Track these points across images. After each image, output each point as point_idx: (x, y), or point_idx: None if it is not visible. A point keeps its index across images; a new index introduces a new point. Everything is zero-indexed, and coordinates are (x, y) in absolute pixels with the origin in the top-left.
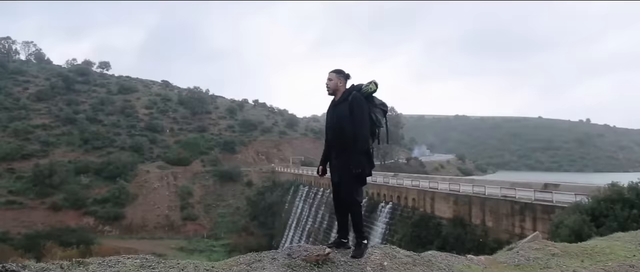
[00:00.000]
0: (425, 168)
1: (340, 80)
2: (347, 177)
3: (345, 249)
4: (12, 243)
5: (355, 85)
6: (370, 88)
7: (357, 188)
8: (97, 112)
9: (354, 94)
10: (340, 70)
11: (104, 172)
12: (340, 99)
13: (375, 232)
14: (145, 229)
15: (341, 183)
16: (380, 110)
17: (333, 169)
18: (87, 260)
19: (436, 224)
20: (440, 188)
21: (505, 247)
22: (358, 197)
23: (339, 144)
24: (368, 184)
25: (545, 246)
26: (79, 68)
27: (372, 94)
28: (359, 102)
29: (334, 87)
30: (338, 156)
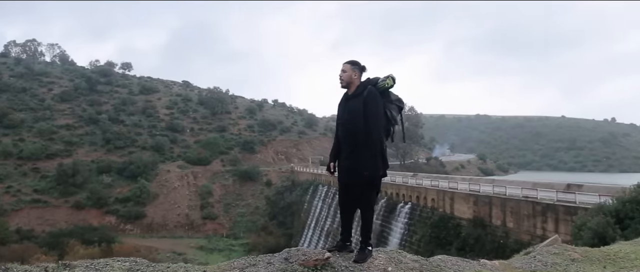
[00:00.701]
0: (445, 168)
1: (354, 73)
2: (359, 180)
3: (348, 253)
4: (36, 241)
5: (371, 79)
6: (387, 83)
7: (371, 191)
8: (119, 113)
9: (369, 89)
10: (356, 62)
11: (126, 172)
12: (354, 93)
13: (394, 233)
14: (166, 228)
15: (352, 186)
16: (396, 107)
17: (342, 169)
18: (73, 262)
19: (456, 224)
20: (460, 188)
21: (522, 251)
22: (371, 201)
23: (350, 142)
24: (387, 183)
25: (565, 250)
26: (102, 69)
27: (389, 90)
28: (374, 98)
29: (348, 80)
30: (348, 155)
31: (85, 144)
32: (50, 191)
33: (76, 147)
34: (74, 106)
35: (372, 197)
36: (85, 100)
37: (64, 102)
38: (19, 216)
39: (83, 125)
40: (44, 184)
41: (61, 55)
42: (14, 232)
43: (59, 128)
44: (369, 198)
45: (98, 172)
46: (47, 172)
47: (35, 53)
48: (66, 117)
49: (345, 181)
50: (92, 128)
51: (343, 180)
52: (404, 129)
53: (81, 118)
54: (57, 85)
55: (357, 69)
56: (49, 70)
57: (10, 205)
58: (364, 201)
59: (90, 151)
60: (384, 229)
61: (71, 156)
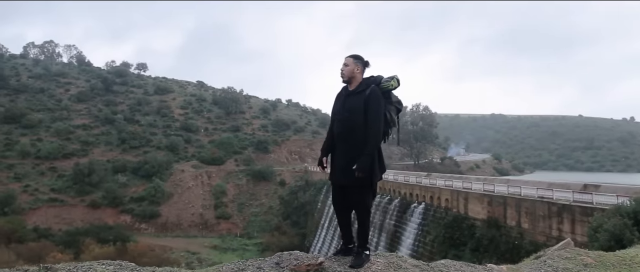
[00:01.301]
0: (460, 168)
1: (357, 67)
2: (356, 181)
3: (354, 255)
4: (53, 239)
5: (374, 77)
6: (391, 84)
7: (367, 193)
8: (134, 113)
9: (372, 88)
10: (359, 56)
11: (141, 171)
12: (356, 90)
13: (407, 233)
14: (180, 227)
15: (348, 187)
16: (395, 109)
17: (336, 169)
18: (56, 266)
19: (470, 225)
20: (474, 188)
21: (532, 256)
22: (368, 204)
23: (346, 141)
24: (401, 183)
25: (578, 254)
26: (118, 70)
27: (391, 91)
28: (377, 98)
29: (350, 74)
30: (344, 154)
31: (101, 143)
32: (67, 190)
33: (92, 147)
34: (90, 106)
35: (369, 199)
36: (101, 100)
37: (80, 103)
38: (36, 214)
39: (99, 125)
40: (60, 183)
41: (78, 56)
42: (31, 230)
43: (75, 128)
44: (366, 200)
45: (113, 172)
46: (64, 172)
47: (52, 54)
48: (82, 117)
49: (341, 182)
50: (107, 128)
51: (338, 181)
52: (399, 132)
53: (97, 118)
54: (74, 85)
55: (360, 63)
56: (66, 71)
57: (28, 204)
58: (360, 203)
59: (106, 151)
60: (397, 230)
61: (87, 156)
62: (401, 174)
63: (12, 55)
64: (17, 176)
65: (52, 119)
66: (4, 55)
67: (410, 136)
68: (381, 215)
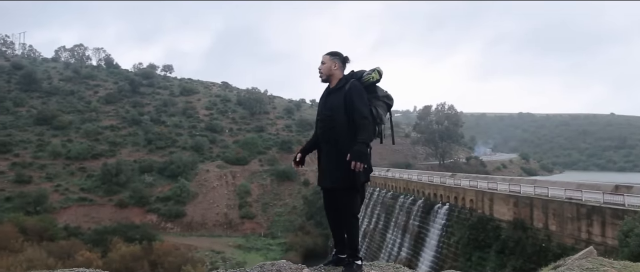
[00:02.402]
0: (486, 168)
1: (334, 64)
2: (341, 183)
3: (344, 266)
4: (82, 237)
5: (355, 72)
6: (372, 77)
7: (354, 196)
8: (160, 114)
9: (352, 82)
10: (335, 52)
11: (166, 171)
12: (335, 87)
13: (431, 234)
14: (205, 226)
15: (335, 191)
16: (384, 104)
17: (323, 172)
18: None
19: (495, 226)
20: (500, 189)
21: (551, 265)
22: (355, 209)
23: (329, 141)
24: (425, 184)
25: (601, 265)
26: (144, 71)
27: (375, 84)
28: (358, 92)
29: (327, 72)
30: (328, 156)
31: (128, 144)
32: (95, 189)
33: (120, 148)
34: (118, 108)
35: (355, 203)
36: (129, 101)
37: (108, 104)
38: (67, 213)
39: (126, 126)
40: (90, 183)
41: (106, 58)
42: (62, 229)
43: (103, 129)
44: (352, 205)
45: (140, 172)
46: (93, 172)
47: (82, 57)
48: (110, 119)
49: (327, 185)
50: (134, 129)
51: (324, 183)
52: (394, 129)
53: (124, 119)
54: (102, 87)
55: (338, 59)
56: (95, 73)
57: (59, 203)
58: (345, 208)
59: (133, 151)
60: (421, 230)
61: (115, 156)
62: (425, 174)
63: (44, 59)
64: (48, 176)
65: (82, 120)
66: (37, 59)
67: (435, 135)
68: (405, 215)
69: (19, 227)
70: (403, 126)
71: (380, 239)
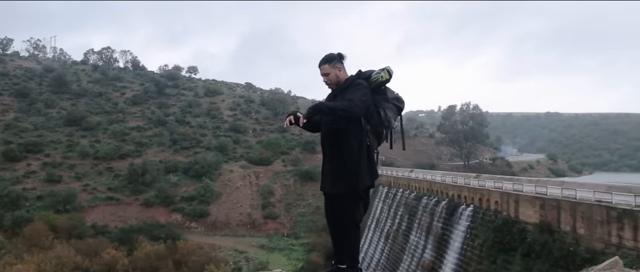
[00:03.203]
0: (512, 169)
1: (337, 68)
2: (343, 189)
3: None
4: (109, 236)
5: (362, 72)
6: (380, 76)
7: (356, 203)
8: (185, 115)
9: (359, 81)
10: (330, 57)
11: (191, 172)
12: (341, 88)
13: (455, 236)
14: (229, 226)
15: (334, 196)
16: (394, 107)
17: (325, 176)
18: None
19: (520, 229)
20: (525, 190)
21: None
22: (357, 217)
23: (332, 146)
24: (448, 185)
25: None
26: (170, 73)
27: (384, 85)
28: (358, 85)
29: (335, 80)
30: (330, 161)
31: (154, 144)
32: (122, 189)
33: (146, 148)
34: (144, 109)
35: (357, 211)
36: (154, 103)
37: (135, 105)
38: (95, 212)
39: (152, 127)
40: (116, 182)
41: (133, 61)
42: (90, 227)
43: (130, 130)
44: (353, 212)
45: (165, 172)
46: (120, 172)
47: (110, 60)
48: (137, 120)
49: (326, 191)
50: (160, 130)
51: (325, 189)
52: (403, 134)
53: (150, 120)
54: (129, 89)
55: (337, 62)
56: (122, 75)
57: (87, 202)
58: (347, 215)
59: (158, 152)
60: (444, 232)
61: (141, 156)
62: (449, 174)
63: (74, 61)
64: (77, 175)
65: (109, 121)
66: (67, 62)
67: (459, 135)
68: (428, 217)
69: (49, 225)
70: (427, 126)
71: (403, 241)
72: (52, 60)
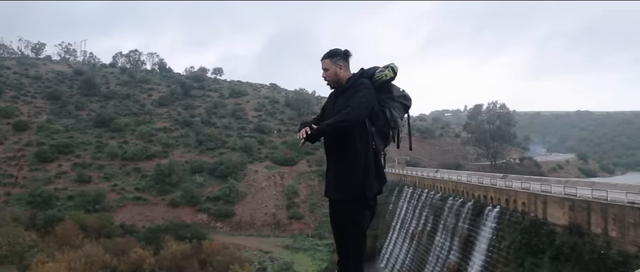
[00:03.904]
0: (540, 169)
1: (338, 65)
2: (348, 195)
3: None
4: (137, 235)
5: (366, 69)
6: (385, 74)
7: (361, 211)
8: (210, 116)
9: (361, 81)
10: (334, 52)
11: (216, 172)
12: (343, 88)
13: (481, 238)
14: (254, 226)
15: (340, 203)
16: (400, 106)
17: (329, 181)
18: None
19: (549, 231)
20: (554, 191)
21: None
22: (363, 224)
23: (335, 149)
24: (474, 185)
25: None
26: (195, 75)
27: (389, 83)
28: (364, 86)
29: (335, 77)
30: (334, 165)
31: (180, 145)
32: (149, 189)
33: (172, 149)
34: (171, 110)
35: (364, 219)
36: (181, 104)
37: (161, 107)
38: (123, 211)
39: (178, 128)
40: (144, 183)
41: (160, 63)
42: (118, 226)
43: (157, 131)
44: (360, 220)
45: (191, 172)
46: (147, 172)
47: (137, 62)
48: (163, 121)
49: (331, 196)
50: (186, 130)
51: (329, 194)
52: (411, 133)
53: (177, 121)
54: (155, 91)
55: (340, 59)
56: (149, 77)
57: (116, 202)
58: (352, 222)
59: (184, 152)
60: (470, 234)
61: (167, 157)
62: (475, 175)
63: (103, 65)
64: (106, 176)
65: (137, 122)
66: (96, 65)
67: (486, 135)
68: (454, 218)
69: (79, 225)
70: (453, 126)
71: (428, 242)
72: (82, 63)
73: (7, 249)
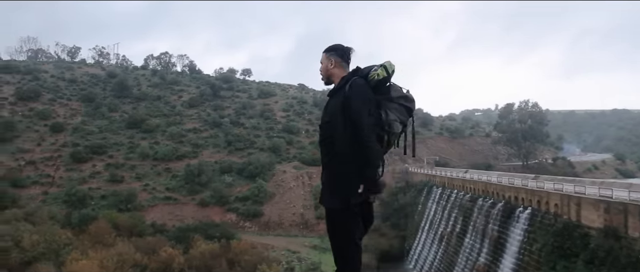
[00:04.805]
0: (575, 169)
1: (330, 61)
2: (338, 203)
3: None
4: (167, 235)
5: (361, 69)
6: (377, 74)
7: (353, 219)
8: (239, 116)
9: (353, 81)
10: (331, 47)
11: (245, 172)
12: (336, 88)
13: (511, 240)
14: (282, 226)
15: (332, 211)
16: (400, 108)
17: (322, 187)
18: None
19: (583, 234)
20: (588, 193)
21: None
22: (354, 234)
23: (327, 152)
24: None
25: None
26: (224, 76)
27: (385, 83)
28: (359, 92)
29: (325, 73)
30: (324, 170)
31: (210, 146)
32: (179, 189)
33: (202, 149)
34: (200, 111)
35: (355, 228)
36: (210, 105)
37: (191, 108)
38: (154, 211)
39: (208, 128)
40: (174, 183)
41: (190, 65)
42: (149, 226)
43: (187, 132)
44: (352, 229)
45: (220, 172)
46: (177, 172)
47: (168, 64)
48: (193, 122)
49: (323, 204)
50: (215, 131)
51: (322, 202)
52: (415, 139)
53: (206, 122)
54: (186, 92)
55: (334, 55)
56: (180, 79)
57: (147, 201)
58: (343, 231)
59: (213, 153)
60: (500, 236)
61: (197, 157)
62: (505, 175)
63: (135, 67)
64: (138, 176)
65: (167, 123)
66: (128, 67)
67: (517, 134)
68: (483, 219)
69: (112, 224)
70: (483, 125)
71: (457, 243)
72: (115, 66)
73: (44, 247)
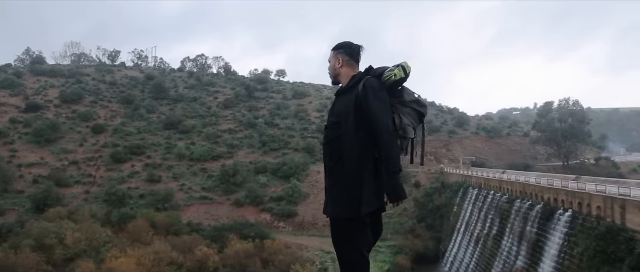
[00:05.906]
0: (619, 170)
1: (338, 60)
2: (343, 212)
3: None
4: (203, 234)
5: (374, 69)
6: (394, 74)
7: (360, 230)
8: (274, 117)
9: (367, 80)
10: (340, 45)
11: (280, 173)
12: (346, 88)
13: (551, 244)
14: (316, 227)
15: (337, 222)
16: (413, 112)
17: (326, 195)
18: None
19: (628, 238)
20: (634, 195)
21: None
22: (361, 245)
23: (333, 155)
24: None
25: None
26: (259, 77)
27: (400, 85)
28: (375, 90)
29: (332, 72)
30: (331, 174)
31: (245, 146)
32: (215, 189)
33: (237, 150)
34: (235, 112)
35: (362, 239)
36: (245, 106)
37: (227, 109)
38: (190, 210)
39: (243, 129)
40: (210, 183)
41: (225, 66)
42: (186, 225)
43: (222, 132)
44: (358, 240)
45: (255, 173)
46: (213, 173)
47: (204, 66)
48: (229, 123)
49: (327, 214)
50: (250, 132)
51: (325, 212)
52: (425, 145)
53: (241, 123)
54: (221, 94)
55: (342, 54)
56: (215, 81)
57: (184, 201)
58: (349, 242)
59: (248, 153)
60: (539, 239)
61: (232, 158)
62: (544, 176)
63: (172, 69)
64: (175, 176)
65: (203, 124)
66: (166, 70)
67: (557, 134)
68: (521, 222)
69: (150, 222)
70: (522, 125)
71: (494, 246)
72: (153, 69)
73: (86, 244)
